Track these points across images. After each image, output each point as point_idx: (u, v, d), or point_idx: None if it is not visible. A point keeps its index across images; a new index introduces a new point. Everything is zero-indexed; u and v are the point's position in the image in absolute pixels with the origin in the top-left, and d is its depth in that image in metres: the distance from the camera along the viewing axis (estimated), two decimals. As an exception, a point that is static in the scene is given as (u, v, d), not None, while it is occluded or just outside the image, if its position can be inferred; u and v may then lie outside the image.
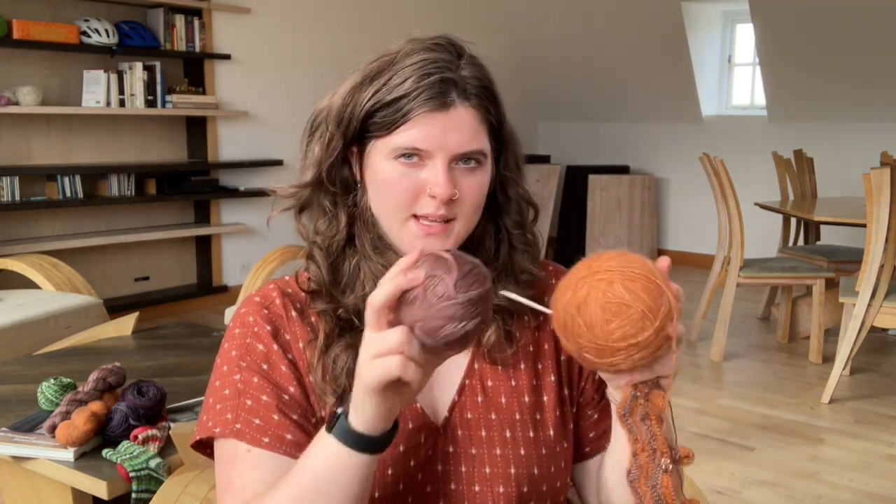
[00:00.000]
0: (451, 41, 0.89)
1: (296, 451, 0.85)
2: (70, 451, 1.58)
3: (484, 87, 0.88)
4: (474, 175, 0.87)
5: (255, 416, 0.88)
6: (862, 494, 2.60)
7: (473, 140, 0.86)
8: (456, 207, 0.87)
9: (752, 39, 5.99)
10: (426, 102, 0.84)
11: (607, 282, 0.76)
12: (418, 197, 0.86)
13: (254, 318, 0.93)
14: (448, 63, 0.86)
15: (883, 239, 3.26)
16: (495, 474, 0.91)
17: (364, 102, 0.86)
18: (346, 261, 0.92)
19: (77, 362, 2.21)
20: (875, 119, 5.65)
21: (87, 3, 4.41)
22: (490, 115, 0.89)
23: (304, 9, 5.40)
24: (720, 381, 3.77)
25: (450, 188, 0.84)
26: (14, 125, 4.21)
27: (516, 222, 0.95)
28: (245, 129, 5.14)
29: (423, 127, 0.84)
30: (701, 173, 4.70)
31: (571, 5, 6.31)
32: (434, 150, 0.85)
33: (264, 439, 0.87)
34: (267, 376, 0.90)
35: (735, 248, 3.97)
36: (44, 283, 3.33)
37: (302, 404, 0.90)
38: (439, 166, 0.85)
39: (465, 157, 0.86)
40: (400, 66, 0.86)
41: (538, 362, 0.98)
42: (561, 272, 1.02)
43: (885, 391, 3.56)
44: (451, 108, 0.85)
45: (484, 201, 0.91)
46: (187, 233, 4.93)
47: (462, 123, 0.85)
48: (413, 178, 0.85)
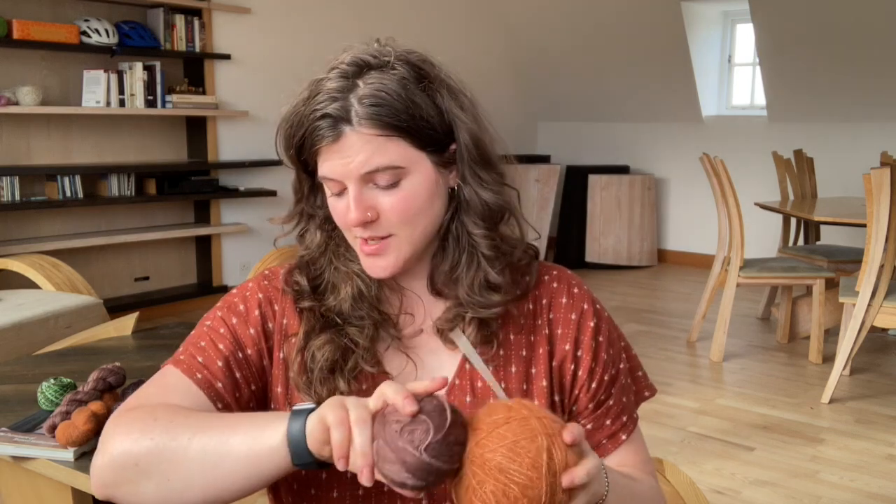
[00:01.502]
0: (359, 61, 0.89)
1: (218, 402, 0.90)
2: (70, 451, 1.58)
3: (376, 105, 0.86)
4: (393, 191, 0.88)
5: (201, 355, 0.92)
6: (862, 494, 2.60)
7: (372, 159, 0.86)
8: (385, 225, 0.89)
9: (752, 39, 5.99)
10: (322, 139, 0.87)
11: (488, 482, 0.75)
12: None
13: (252, 285, 0.98)
14: (338, 93, 0.87)
15: (883, 239, 3.26)
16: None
17: (289, 136, 0.91)
18: (328, 267, 0.96)
19: (77, 362, 2.21)
20: (875, 119, 5.65)
21: (87, 3, 4.41)
22: (400, 124, 0.87)
23: (304, 9, 5.40)
24: (720, 381, 3.76)
25: (358, 214, 0.88)
26: (14, 125, 4.21)
27: (479, 225, 0.93)
28: (245, 129, 5.14)
29: (325, 159, 0.88)
30: (701, 173, 4.70)
31: (571, 5, 6.31)
32: (342, 179, 0.88)
33: (197, 374, 0.91)
34: (232, 330, 0.94)
35: (735, 248, 3.97)
36: (44, 283, 3.33)
37: (253, 368, 0.94)
38: (350, 194, 0.88)
39: (374, 179, 0.88)
40: (306, 103, 0.89)
41: (531, 366, 0.97)
42: (565, 277, 1.02)
43: (885, 391, 3.56)
44: (341, 137, 0.87)
45: (426, 208, 0.90)
46: (187, 233, 4.93)
47: (355, 149, 0.87)
48: (343, 205, 0.90)
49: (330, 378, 0.91)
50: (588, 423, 0.99)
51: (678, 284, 5.93)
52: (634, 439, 1.02)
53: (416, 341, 0.97)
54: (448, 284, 0.96)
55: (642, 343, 4.30)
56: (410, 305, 0.97)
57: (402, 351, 0.96)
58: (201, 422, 0.82)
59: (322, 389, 0.90)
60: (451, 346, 0.95)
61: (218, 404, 0.90)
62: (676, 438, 3.01)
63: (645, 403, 1.07)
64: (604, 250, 6.47)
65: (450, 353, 0.96)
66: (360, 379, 0.93)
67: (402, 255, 0.91)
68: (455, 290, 0.95)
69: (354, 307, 0.93)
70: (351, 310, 0.93)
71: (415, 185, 0.89)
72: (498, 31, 6.75)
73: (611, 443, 1.00)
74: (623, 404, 1.01)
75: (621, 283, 5.91)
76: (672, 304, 5.34)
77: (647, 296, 5.60)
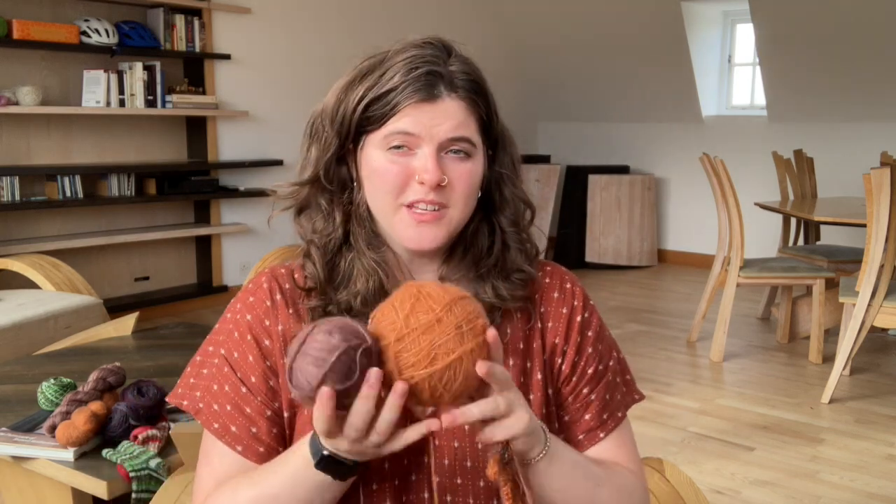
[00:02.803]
0: (441, 40, 0.93)
1: (261, 458, 0.92)
2: (70, 451, 1.58)
3: (472, 82, 0.91)
4: (464, 163, 0.90)
5: (234, 424, 0.93)
6: (862, 494, 2.60)
7: (460, 128, 0.89)
8: (447, 195, 0.90)
9: (752, 39, 5.99)
10: (414, 94, 0.87)
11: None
12: (408, 183, 0.89)
13: (240, 306, 0.97)
14: (436, 58, 0.90)
15: (883, 239, 3.26)
16: (476, 468, 0.92)
17: (356, 99, 0.90)
18: (342, 258, 0.95)
19: (77, 362, 2.21)
20: (875, 119, 5.65)
21: (87, 3, 4.41)
22: (479, 109, 0.92)
23: (304, 9, 5.40)
24: (720, 381, 3.76)
25: (438, 173, 0.88)
26: (14, 125, 4.21)
27: (511, 221, 0.97)
28: (245, 129, 5.14)
29: (411, 116, 0.87)
30: (701, 173, 4.70)
31: (572, 5, 6.31)
32: (423, 136, 0.88)
33: (238, 447, 0.93)
34: (234, 366, 0.94)
35: (735, 248, 3.97)
36: (44, 283, 3.34)
37: (261, 392, 0.93)
38: (427, 153, 0.88)
39: (454, 146, 0.89)
40: (390, 63, 0.89)
41: (527, 360, 0.98)
42: (558, 273, 1.02)
43: (885, 391, 3.56)
44: (438, 99, 0.88)
45: (477, 192, 0.93)
46: (187, 233, 4.93)
47: (449, 113, 0.88)
48: (403, 166, 0.89)
49: None
50: (566, 415, 0.99)
51: (678, 284, 5.93)
52: (616, 438, 1.00)
53: None
54: (459, 277, 0.96)
55: (642, 343, 4.30)
56: None
57: None
58: (250, 487, 0.87)
59: None
60: None
61: (262, 458, 0.93)
62: (676, 438, 3.01)
63: (645, 403, 1.07)
64: (604, 250, 6.47)
65: None
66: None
67: (450, 230, 0.92)
68: (465, 283, 0.95)
69: (366, 303, 0.91)
70: (362, 305, 0.92)
71: (476, 165, 0.92)
72: (498, 31, 6.75)
73: (587, 439, 0.99)
74: (606, 401, 1.00)
75: (621, 283, 5.91)
76: (672, 304, 5.34)
77: (647, 296, 5.60)
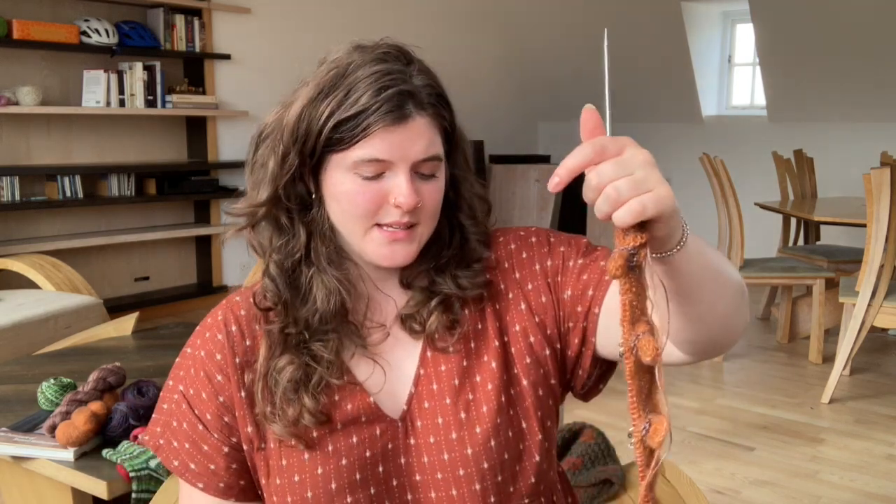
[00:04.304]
0: (398, 48, 0.91)
1: (196, 480, 0.94)
2: (70, 451, 1.58)
3: (437, 95, 0.90)
4: (434, 182, 0.91)
5: (192, 461, 0.95)
6: (862, 494, 2.60)
7: (431, 147, 0.89)
8: (418, 214, 0.90)
9: (752, 39, 5.99)
10: (385, 116, 0.85)
11: None
12: (382, 206, 0.89)
13: (199, 341, 0.97)
14: (401, 73, 0.88)
15: (883, 239, 3.26)
16: (454, 458, 0.91)
17: (321, 118, 0.87)
18: (301, 274, 0.93)
19: (77, 362, 2.21)
20: (875, 119, 5.65)
21: (87, 3, 4.41)
22: (444, 121, 0.91)
23: (304, 9, 5.40)
24: (720, 381, 3.76)
25: (414, 197, 0.87)
26: (14, 125, 4.21)
27: (469, 216, 0.98)
28: (245, 129, 5.13)
29: (383, 140, 0.86)
30: (701, 173, 4.70)
31: (571, 5, 6.31)
32: (396, 161, 0.87)
33: (199, 485, 0.95)
34: (191, 403, 0.94)
35: (735, 248, 3.97)
36: (44, 283, 3.34)
37: (216, 429, 0.94)
38: (402, 176, 0.87)
39: (423, 166, 0.89)
40: (354, 80, 0.87)
41: (481, 343, 0.95)
42: (514, 234, 1.01)
43: (885, 391, 3.56)
44: (408, 118, 0.86)
45: (440, 204, 0.93)
46: (187, 233, 4.93)
47: (420, 132, 0.87)
48: (375, 190, 0.88)
49: (294, 398, 0.90)
50: (590, 292, 0.94)
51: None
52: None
53: (380, 342, 0.96)
54: (419, 275, 0.96)
55: (642, 343, 4.30)
56: (376, 307, 0.97)
57: (369, 356, 0.94)
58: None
59: (288, 409, 0.89)
60: (413, 333, 0.95)
61: (224, 493, 0.95)
62: (676, 438, 3.01)
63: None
64: (604, 250, 6.47)
65: (413, 341, 0.95)
66: (327, 392, 0.92)
67: (421, 244, 0.92)
68: (424, 279, 0.95)
69: (326, 319, 0.91)
70: (320, 322, 0.91)
71: (442, 180, 0.92)
72: (498, 31, 6.75)
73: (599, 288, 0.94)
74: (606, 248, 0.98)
75: (621, 283, 5.91)
76: (672, 304, 5.33)
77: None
